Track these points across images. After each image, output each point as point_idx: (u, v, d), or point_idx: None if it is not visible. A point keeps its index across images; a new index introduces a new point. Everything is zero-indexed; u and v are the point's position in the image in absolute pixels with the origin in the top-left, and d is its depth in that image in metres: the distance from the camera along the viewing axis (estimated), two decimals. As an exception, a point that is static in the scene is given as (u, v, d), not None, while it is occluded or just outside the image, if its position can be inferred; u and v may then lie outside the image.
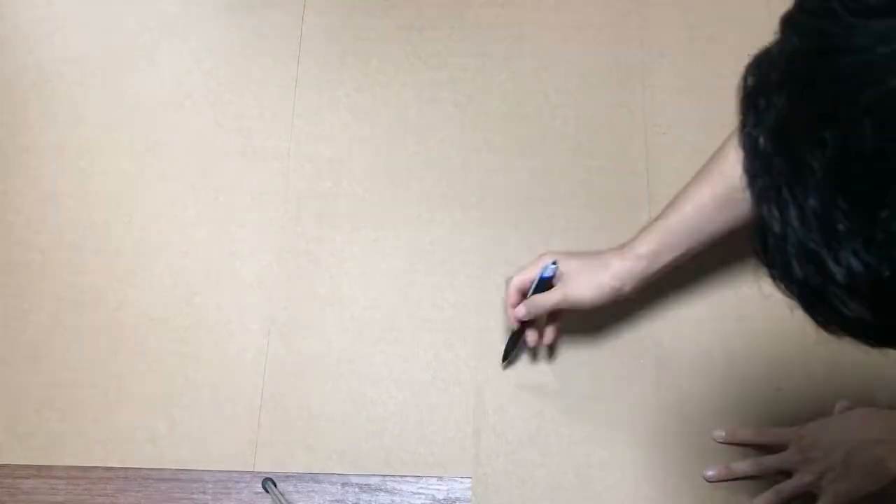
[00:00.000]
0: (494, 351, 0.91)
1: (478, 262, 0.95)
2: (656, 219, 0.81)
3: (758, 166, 0.38)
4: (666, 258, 0.79)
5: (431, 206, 0.98)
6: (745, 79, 0.40)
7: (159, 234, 0.98)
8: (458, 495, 0.86)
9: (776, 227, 0.37)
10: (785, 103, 0.36)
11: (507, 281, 0.84)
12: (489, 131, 1.01)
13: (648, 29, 1.04)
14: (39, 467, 0.89)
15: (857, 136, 0.33)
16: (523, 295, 0.83)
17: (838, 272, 0.35)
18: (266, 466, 0.88)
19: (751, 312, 0.90)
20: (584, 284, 0.79)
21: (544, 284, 0.81)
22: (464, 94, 1.03)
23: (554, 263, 0.80)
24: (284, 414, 0.90)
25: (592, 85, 1.02)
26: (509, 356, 0.89)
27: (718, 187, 0.76)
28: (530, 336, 0.86)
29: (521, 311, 0.82)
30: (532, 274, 0.82)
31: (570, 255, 0.82)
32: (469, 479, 0.87)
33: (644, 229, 0.81)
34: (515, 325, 0.85)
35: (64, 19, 1.10)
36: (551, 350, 0.90)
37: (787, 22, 0.38)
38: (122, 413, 0.91)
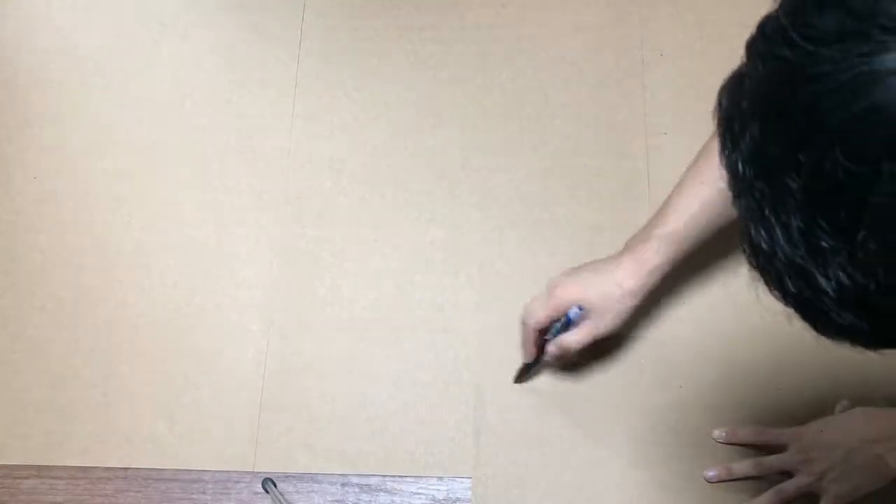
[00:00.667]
0: (494, 351, 0.91)
1: (477, 261, 0.95)
2: (657, 223, 0.79)
3: (740, 188, 0.39)
4: (676, 262, 0.79)
5: (431, 206, 0.98)
6: (719, 102, 0.41)
7: (159, 234, 0.98)
8: (458, 495, 0.86)
9: (764, 246, 0.38)
10: (758, 130, 0.37)
11: (523, 320, 0.82)
12: (489, 131, 1.01)
13: (648, 29, 1.04)
14: (39, 467, 0.89)
15: (828, 160, 0.34)
16: (541, 334, 0.82)
17: (828, 286, 0.36)
18: (266, 466, 0.88)
19: (750, 311, 0.90)
20: (610, 319, 0.79)
21: (566, 326, 0.81)
22: (464, 93, 1.03)
23: (580, 309, 0.79)
24: (284, 414, 0.90)
25: (592, 85, 1.02)
26: (523, 379, 0.89)
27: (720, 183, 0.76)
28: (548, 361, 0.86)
29: (554, 351, 0.81)
30: (550, 315, 0.80)
31: (581, 279, 0.80)
32: (469, 479, 0.87)
33: (650, 236, 0.79)
34: (530, 359, 0.85)
35: (64, 19, 1.10)
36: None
37: (751, 48, 0.39)
38: (122, 413, 0.91)
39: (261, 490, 0.86)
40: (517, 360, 0.89)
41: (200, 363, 0.92)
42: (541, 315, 0.81)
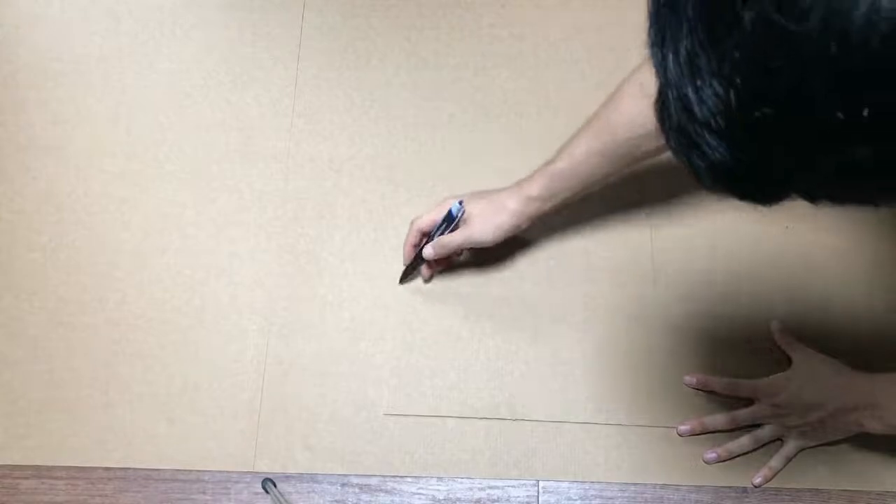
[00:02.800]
0: (495, 352, 0.91)
1: (478, 262, 0.95)
2: (550, 161, 0.84)
3: (653, 15, 0.40)
4: (557, 199, 0.84)
5: (431, 206, 0.98)
6: None
7: (159, 234, 0.98)
8: (458, 495, 0.86)
9: (660, 77, 0.39)
10: None
11: (413, 221, 0.90)
12: (489, 131, 1.01)
13: (648, 29, 1.04)
14: (39, 467, 0.89)
15: None
16: (425, 235, 0.90)
17: (698, 109, 0.37)
18: (266, 466, 0.88)
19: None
20: (486, 226, 0.86)
21: (449, 224, 0.87)
22: (464, 94, 1.03)
23: (460, 203, 0.86)
24: (284, 414, 0.90)
25: (592, 85, 1.02)
26: (405, 280, 0.95)
27: (607, 140, 0.80)
28: (426, 271, 0.94)
29: (429, 251, 0.88)
30: (437, 216, 0.88)
31: (473, 196, 0.88)
32: (469, 479, 0.87)
33: (539, 170, 0.85)
34: (409, 260, 0.92)
35: (64, 19, 1.10)
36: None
37: None
38: (122, 413, 0.91)
39: (261, 490, 0.86)
40: (518, 355, 0.89)
41: (200, 363, 0.92)
42: (426, 217, 0.89)
